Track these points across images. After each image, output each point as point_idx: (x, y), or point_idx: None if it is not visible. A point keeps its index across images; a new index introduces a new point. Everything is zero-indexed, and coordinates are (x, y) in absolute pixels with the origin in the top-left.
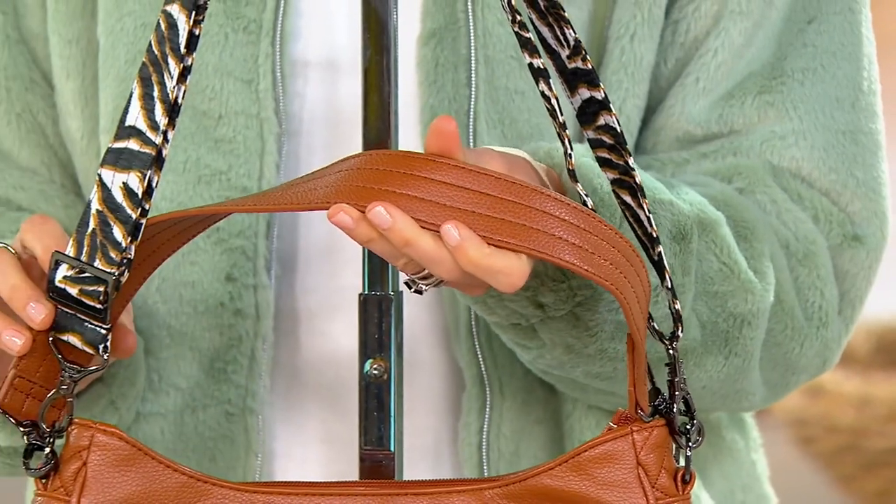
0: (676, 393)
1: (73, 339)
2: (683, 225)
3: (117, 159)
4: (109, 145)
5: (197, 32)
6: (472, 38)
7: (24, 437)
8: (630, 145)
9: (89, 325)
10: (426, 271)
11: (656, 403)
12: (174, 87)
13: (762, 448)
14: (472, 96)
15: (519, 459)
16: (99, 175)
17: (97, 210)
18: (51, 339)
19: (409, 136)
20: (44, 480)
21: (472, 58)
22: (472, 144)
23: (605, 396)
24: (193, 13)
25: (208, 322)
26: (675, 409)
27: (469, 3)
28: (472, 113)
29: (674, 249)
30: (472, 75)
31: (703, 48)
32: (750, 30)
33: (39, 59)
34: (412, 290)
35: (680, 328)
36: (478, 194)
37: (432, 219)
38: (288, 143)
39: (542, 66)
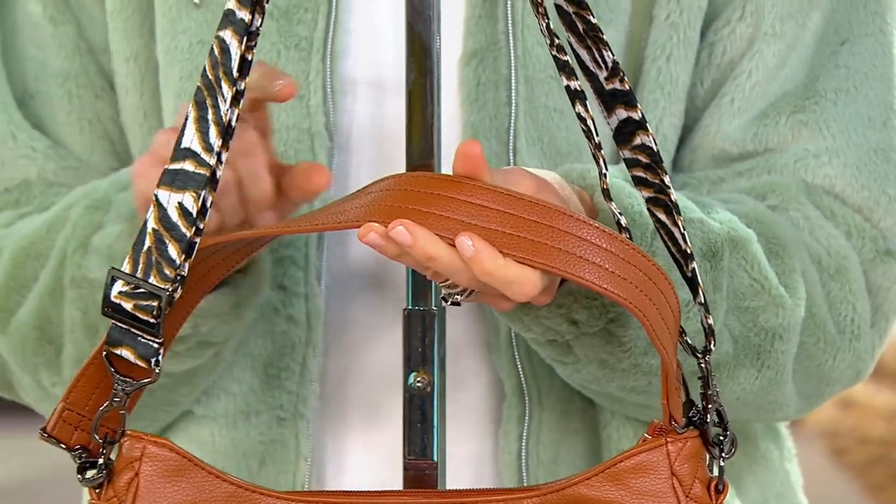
0: (709, 405)
1: (126, 353)
2: (714, 243)
3: (173, 180)
4: (166, 167)
5: (249, 57)
6: (512, 58)
7: (75, 460)
8: (667, 163)
9: (142, 340)
10: (452, 281)
11: (690, 415)
12: (227, 111)
13: (796, 458)
14: (513, 114)
15: (557, 467)
16: (155, 195)
17: (153, 229)
18: (105, 353)
19: (451, 154)
20: (97, 490)
21: (513, 77)
22: (512, 161)
23: (642, 409)
24: (245, 38)
25: (262, 329)
26: (708, 421)
27: (510, 25)
28: (512, 131)
29: (705, 267)
30: (513, 94)
31: (737, 69)
32: (783, 52)
33: (106, 72)
34: (448, 303)
35: (712, 342)
36: (502, 213)
37: (453, 234)
38: (337, 157)
39: (578, 89)
